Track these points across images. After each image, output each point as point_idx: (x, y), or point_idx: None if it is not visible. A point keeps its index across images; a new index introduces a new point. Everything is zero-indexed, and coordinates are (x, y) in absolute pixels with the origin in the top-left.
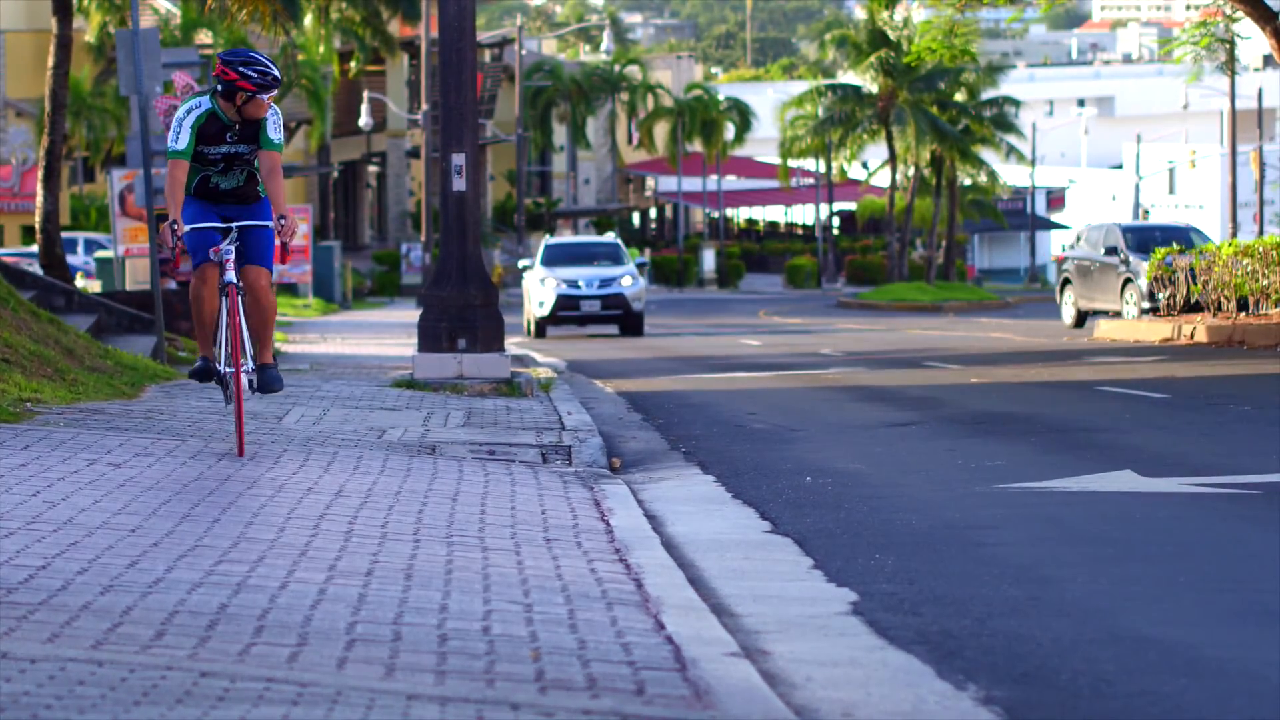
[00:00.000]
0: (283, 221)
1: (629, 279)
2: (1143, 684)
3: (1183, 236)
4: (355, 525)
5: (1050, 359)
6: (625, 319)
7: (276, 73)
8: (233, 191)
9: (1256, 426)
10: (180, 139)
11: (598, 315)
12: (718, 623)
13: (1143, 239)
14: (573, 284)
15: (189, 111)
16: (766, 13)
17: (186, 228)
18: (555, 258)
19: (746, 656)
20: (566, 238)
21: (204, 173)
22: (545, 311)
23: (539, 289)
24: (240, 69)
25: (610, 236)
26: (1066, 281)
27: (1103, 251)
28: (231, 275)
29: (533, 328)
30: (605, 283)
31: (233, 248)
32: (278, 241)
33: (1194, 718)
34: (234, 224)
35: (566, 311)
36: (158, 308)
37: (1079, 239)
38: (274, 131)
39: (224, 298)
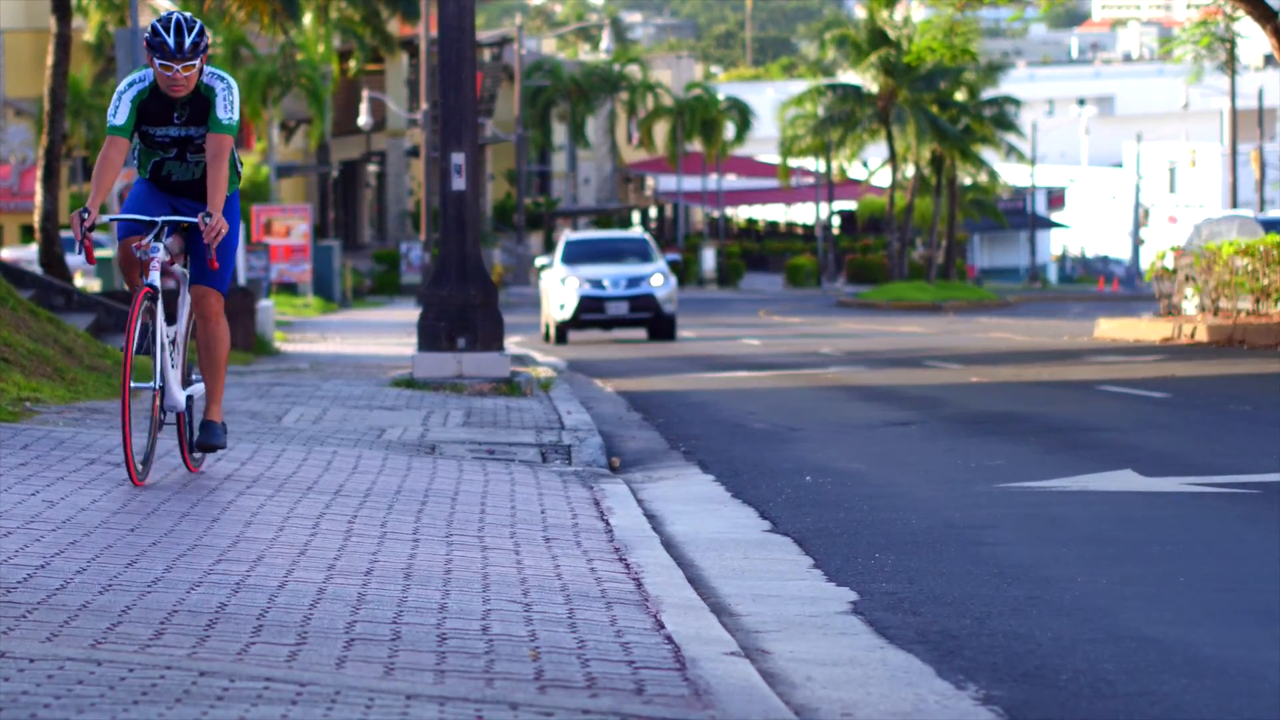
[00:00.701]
0: (208, 220)
1: (659, 278)
2: (1143, 684)
3: None
4: (354, 525)
5: (1050, 359)
6: (655, 322)
7: (189, 40)
8: (190, 185)
9: (1256, 426)
10: (118, 113)
11: (625, 318)
12: (717, 622)
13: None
14: (597, 284)
15: (130, 85)
16: (766, 12)
17: (105, 217)
18: (577, 255)
19: (746, 656)
20: (590, 233)
21: (155, 158)
22: (567, 314)
23: (559, 290)
24: (152, 24)
25: (638, 231)
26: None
27: None
28: (154, 277)
29: (552, 332)
30: (633, 282)
31: (160, 245)
32: (205, 240)
33: (1194, 718)
34: (159, 219)
35: (590, 314)
36: None
37: (1197, 233)
38: (223, 110)
39: (141, 305)
